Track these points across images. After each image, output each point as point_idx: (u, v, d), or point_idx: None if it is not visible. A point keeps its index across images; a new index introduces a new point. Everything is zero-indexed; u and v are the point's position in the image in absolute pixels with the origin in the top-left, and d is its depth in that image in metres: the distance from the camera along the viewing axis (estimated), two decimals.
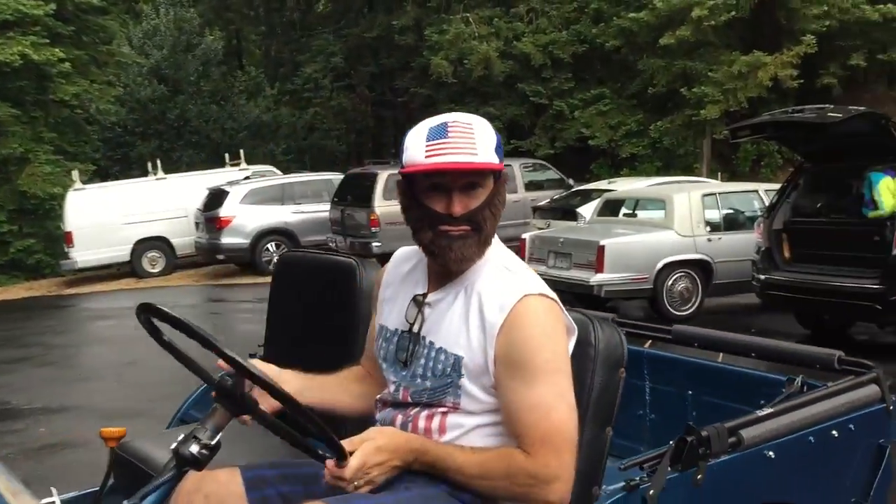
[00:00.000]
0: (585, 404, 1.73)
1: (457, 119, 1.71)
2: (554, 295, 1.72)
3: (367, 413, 1.93)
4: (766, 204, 8.67)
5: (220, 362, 1.63)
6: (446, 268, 1.75)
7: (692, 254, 9.30)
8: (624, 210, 10.45)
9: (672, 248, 9.26)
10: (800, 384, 2.23)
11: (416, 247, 1.84)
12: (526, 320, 1.65)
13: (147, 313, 1.65)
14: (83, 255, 15.81)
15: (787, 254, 7.88)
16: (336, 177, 16.45)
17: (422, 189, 1.72)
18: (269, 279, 2.96)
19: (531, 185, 15.42)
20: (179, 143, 25.95)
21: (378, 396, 1.90)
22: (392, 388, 1.83)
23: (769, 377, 2.42)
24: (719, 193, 10.19)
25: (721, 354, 2.68)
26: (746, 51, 18.38)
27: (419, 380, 1.77)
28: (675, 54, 19.27)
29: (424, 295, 1.82)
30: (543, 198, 14.19)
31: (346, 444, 1.63)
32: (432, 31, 22.79)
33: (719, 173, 17.62)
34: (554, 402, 1.63)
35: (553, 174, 16.12)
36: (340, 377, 2.00)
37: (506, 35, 22.09)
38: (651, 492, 1.70)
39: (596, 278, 8.82)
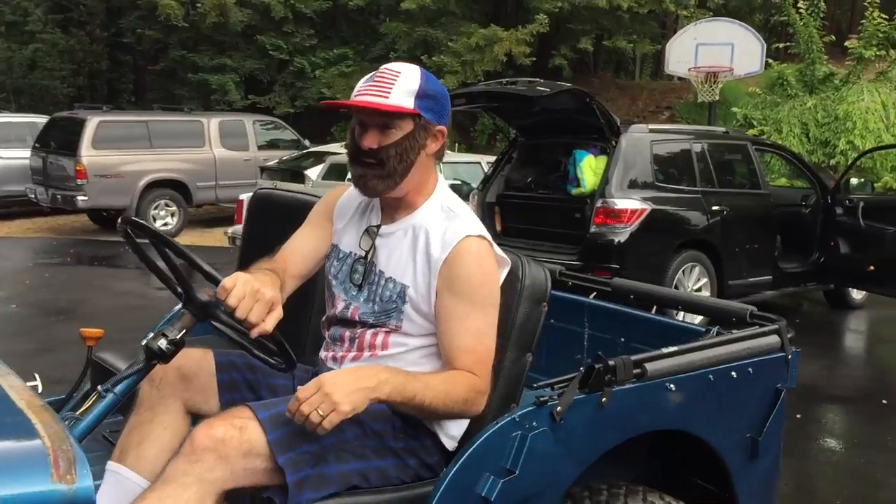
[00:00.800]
0: (510, 331, 2.03)
1: (392, 67, 1.94)
2: (489, 236, 1.97)
3: None
4: None
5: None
6: (364, 195, 2.02)
7: None
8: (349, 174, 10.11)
9: None
10: (715, 334, 2.50)
11: None
12: (467, 258, 1.89)
13: (127, 226, 1.83)
14: None
15: (498, 227, 7.89)
16: (41, 120, 14.60)
17: (355, 124, 1.97)
18: None
19: (266, 145, 14.65)
20: None
21: (324, 317, 2.13)
22: (340, 305, 2.05)
23: (691, 327, 2.74)
24: (443, 163, 10.12)
25: (654, 307, 3.02)
26: (485, 24, 18.74)
27: (369, 303, 2.00)
28: (418, 20, 19.24)
29: (378, 227, 2.04)
30: (277, 158, 13.50)
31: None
32: None
33: (457, 144, 17.89)
34: (487, 330, 1.91)
35: (290, 134, 15.43)
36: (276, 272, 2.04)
37: None
38: (558, 408, 1.91)
39: None
